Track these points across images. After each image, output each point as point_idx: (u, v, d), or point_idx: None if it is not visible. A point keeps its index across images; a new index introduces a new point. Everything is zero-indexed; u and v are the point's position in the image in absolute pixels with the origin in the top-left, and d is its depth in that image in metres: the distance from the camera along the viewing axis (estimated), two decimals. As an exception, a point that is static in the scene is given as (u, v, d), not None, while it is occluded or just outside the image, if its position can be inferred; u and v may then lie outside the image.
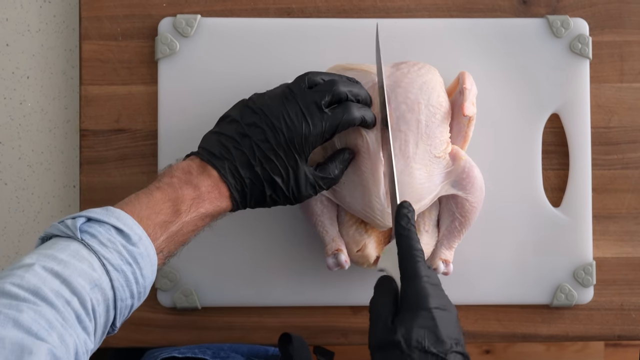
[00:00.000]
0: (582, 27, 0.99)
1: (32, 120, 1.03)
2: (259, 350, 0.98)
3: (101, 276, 0.69)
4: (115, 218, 0.72)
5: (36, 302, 0.63)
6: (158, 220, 0.75)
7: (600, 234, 1.00)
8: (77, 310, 0.66)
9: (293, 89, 0.82)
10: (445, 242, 0.92)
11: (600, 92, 1.00)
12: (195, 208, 0.78)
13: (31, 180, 1.02)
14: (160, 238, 0.75)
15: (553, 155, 1.00)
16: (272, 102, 0.82)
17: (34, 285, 0.64)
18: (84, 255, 0.69)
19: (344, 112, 0.82)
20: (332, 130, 0.82)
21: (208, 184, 0.79)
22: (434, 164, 0.88)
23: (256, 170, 0.80)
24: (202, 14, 0.99)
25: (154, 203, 0.76)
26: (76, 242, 0.70)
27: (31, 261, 0.67)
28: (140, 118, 0.99)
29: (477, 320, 1.00)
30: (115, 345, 0.99)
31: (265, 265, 0.98)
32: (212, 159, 0.80)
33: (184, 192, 0.78)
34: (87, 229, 0.71)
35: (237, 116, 0.82)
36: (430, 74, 0.89)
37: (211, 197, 0.79)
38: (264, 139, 0.80)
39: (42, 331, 0.62)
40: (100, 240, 0.71)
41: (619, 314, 1.00)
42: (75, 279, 0.66)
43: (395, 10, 1.00)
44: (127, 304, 0.72)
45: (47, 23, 1.03)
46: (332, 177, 0.84)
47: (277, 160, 0.81)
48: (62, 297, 0.65)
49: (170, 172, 0.80)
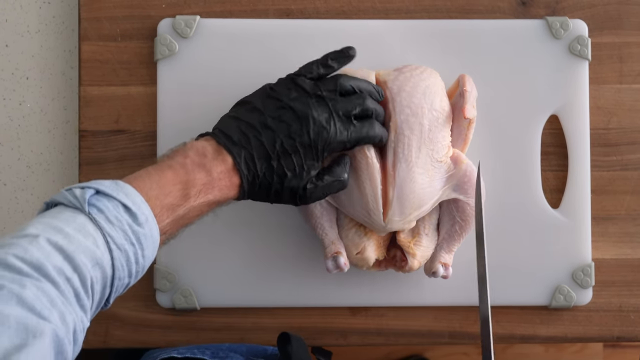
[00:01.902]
0: (581, 29, 0.99)
1: (32, 121, 1.03)
2: (258, 349, 0.98)
3: (103, 254, 0.68)
4: (124, 194, 0.71)
5: (39, 279, 0.63)
6: (166, 202, 0.74)
7: (599, 236, 1.00)
8: (77, 288, 0.65)
9: (325, 92, 0.82)
10: (445, 245, 0.92)
11: (600, 94, 1.00)
12: (204, 194, 0.77)
13: (30, 181, 1.02)
14: (165, 220, 0.74)
15: (552, 156, 1.00)
16: (301, 100, 0.82)
17: (37, 260, 0.63)
18: (89, 230, 0.68)
19: (369, 129, 0.84)
20: (354, 142, 0.83)
21: (221, 170, 0.78)
22: (436, 169, 0.88)
23: (272, 164, 0.80)
24: (201, 15, 1.00)
25: (165, 183, 0.75)
26: (83, 215, 0.68)
27: (36, 232, 0.66)
28: (139, 119, 1.00)
29: (477, 321, 1.00)
30: (114, 346, 0.99)
31: (264, 266, 0.99)
32: (229, 145, 0.79)
33: (196, 176, 0.77)
34: (96, 202, 0.70)
35: (260, 105, 0.82)
36: (432, 78, 0.89)
37: (221, 185, 0.78)
38: (288, 135, 0.80)
39: (45, 310, 0.61)
40: (107, 217, 0.69)
41: (618, 315, 1.00)
42: (78, 256, 0.65)
43: (394, 11, 1.00)
44: (124, 282, 0.71)
45: (47, 24, 1.03)
46: (341, 180, 0.84)
47: (295, 158, 0.80)
48: (63, 274, 0.64)
49: (184, 151, 0.79)
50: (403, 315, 1.00)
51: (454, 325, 1.00)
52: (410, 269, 0.91)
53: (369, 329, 1.00)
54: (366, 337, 1.00)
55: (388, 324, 1.00)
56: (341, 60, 0.85)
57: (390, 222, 0.87)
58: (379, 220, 0.87)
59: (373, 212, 0.87)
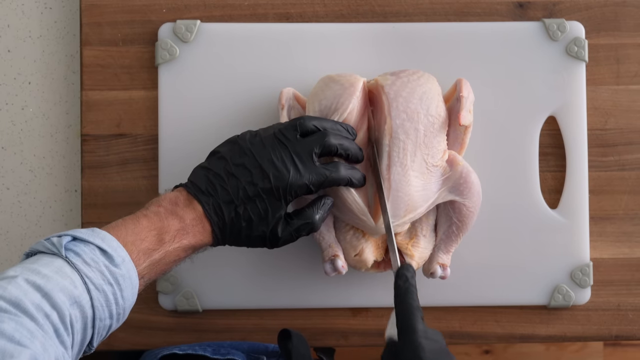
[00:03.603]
0: (578, 30, 1.00)
1: (34, 125, 1.03)
2: (259, 347, 0.99)
3: (82, 294, 0.70)
4: (100, 239, 0.74)
5: (17, 314, 0.65)
6: (142, 247, 0.77)
7: (597, 235, 1.01)
8: (56, 324, 0.67)
9: (285, 134, 0.83)
10: (443, 246, 0.92)
11: (597, 95, 1.01)
12: (179, 239, 0.79)
13: (33, 185, 1.03)
14: (143, 264, 0.77)
15: (550, 157, 1.01)
16: (263, 145, 0.83)
17: (16, 297, 0.66)
18: (66, 272, 0.70)
19: (332, 171, 0.84)
20: (317, 185, 0.83)
21: (193, 217, 0.81)
22: (431, 173, 0.89)
23: (238, 211, 0.82)
24: (202, 20, 1.00)
25: (140, 230, 0.78)
26: (60, 259, 0.71)
27: (15, 273, 0.68)
28: (140, 123, 1.00)
29: (476, 321, 1.00)
30: (117, 348, 0.99)
31: (265, 267, 0.99)
32: (198, 194, 0.82)
33: (170, 223, 0.79)
34: (72, 247, 0.73)
35: (227, 154, 0.84)
36: (429, 84, 0.90)
37: (195, 231, 0.81)
38: (250, 181, 0.82)
39: (24, 339, 0.63)
40: (84, 259, 0.72)
41: (616, 314, 1.01)
42: (56, 294, 0.68)
43: (392, 14, 1.01)
44: (105, 324, 0.73)
45: (49, 29, 1.04)
46: (310, 222, 0.85)
47: (259, 203, 0.82)
48: (42, 310, 0.67)
49: (158, 201, 0.82)
50: (403, 315, 1.00)
51: (453, 325, 1.00)
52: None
53: (370, 330, 1.01)
54: (367, 337, 1.01)
55: (389, 318, 1.00)
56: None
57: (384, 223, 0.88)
58: (371, 223, 0.88)
59: (362, 217, 0.88)
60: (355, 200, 0.87)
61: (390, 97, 0.88)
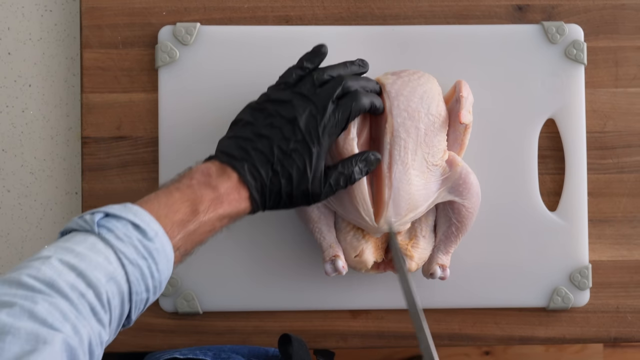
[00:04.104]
0: (577, 33, 1.00)
1: (34, 128, 1.04)
2: (259, 351, 0.99)
3: (117, 269, 0.70)
4: (132, 214, 0.73)
5: (51, 294, 0.65)
6: (176, 219, 0.76)
7: (596, 238, 1.01)
8: (92, 303, 0.67)
9: (304, 90, 0.84)
10: (442, 247, 0.92)
11: (595, 97, 1.01)
12: (213, 209, 0.79)
13: (33, 187, 1.03)
14: (177, 236, 0.76)
15: (549, 159, 1.01)
16: (285, 103, 0.84)
17: (50, 278, 0.65)
18: (100, 248, 0.70)
19: (353, 100, 0.85)
20: (344, 119, 0.84)
21: (227, 185, 0.80)
22: (431, 172, 0.89)
23: (275, 169, 0.82)
24: (202, 22, 1.01)
25: (173, 202, 0.77)
26: (93, 235, 0.71)
27: (49, 254, 0.68)
28: (141, 125, 1.01)
29: (476, 323, 1.01)
30: (117, 350, 0.99)
31: (266, 269, 0.99)
32: (231, 161, 0.81)
33: (203, 193, 0.79)
34: (105, 223, 0.72)
35: (251, 119, 0.84)
36: (429, 83, 0.90)
37: (230, 199, 0.80)
38: (282, 137, 0.82)
39: (57, 322, 0.63)
40: (117, 235, 0.71)
41: (615, 316, 1.01)
42: (91, 272, 0.68)
43: (392, 17, 1.01)
44: (142, 297, 0.73)
45: (49, 32, 1.04)
46: (348, 173, 0.85)
47: (296, 157, 0.82)
48: (76, 289, 0.66)
49: (189, 174, 0.81)
50: (403, 317, 1.00)
51: (453, 327, 1.01)
52: (408, 270, 0.92)
53: (370, 332, 1.01)
54: (367, 339, 1.01)
55: (388, 326, 1.01)
56: (314, 59, 0.88)
57: (386, 223, 0.88)
58: (372, 222, 0.88)
59: (365, 215, 0.88)
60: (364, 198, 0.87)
61: (391, 96, 0.88)
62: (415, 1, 1.01)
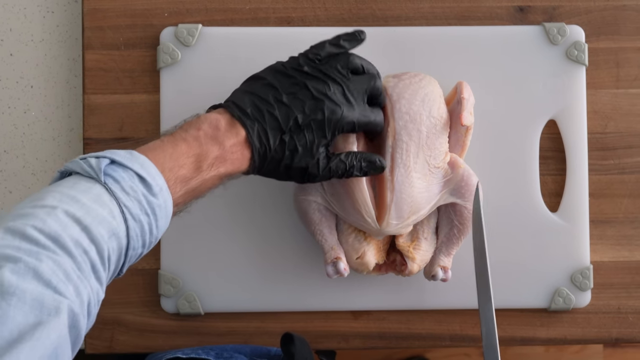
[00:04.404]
0: (578, 34, 1.00)
1: (36, 129, 1.04)
2: (262, 350, 0.99)
3: (119, 224, 0.68)
4: (139, 165, 0.71)
5: (55, 251, 0.63)
6: (180, 174, 0.75)
7: (597, 238, 1.01)
8: (94, 260, 0.65)
9: (337, 72, 0.83)
10: (444, 249, 0.93)
11: (597, 98, 1.02)
12: (216, 167, 0.78)
13: (35, 188, 1.04)
14: (179, 192, 0.75)
15: (550, 160, 1.01)
16: (316, 78, 0.83)
17: (55, 232, 0.63)
18: (105, 201, 0.68)
19: (376, 115, 0.86)
20: (362, 125, 0.84)
21: (233, 142, 0.79)
22: (433, 174, 0.89)
23: (284, 139, 0.81)
24: (203, 24, 1.01)
25: (178, 155, 0.75)
26: (99, 185, 0.69)
27: (54, 202, 0.66)
28: (142, 126, 1.01)
29: (477, 324, 1.01)
30: (119, 351, 1.00)
31: (267, 271, 1.00)
32: (243, 118, 0.80)
33: (209, 149, 0.77)
34: (111, 172, 0.70)
35: (275, 81, 0.83)
36: (431, 86, 0.90)
37: (233, 158, 0.79)
38: (303, 111, 0.81)
39: (61, 284, 0.61)
40: (123, 187, 0.69)
41: (616, 317, 1.01)
42: (95, 227, 0.66)
43: (393, 18, 1.01)
44: (137, 252, 0.72)
45: (51, 33, 1.04)
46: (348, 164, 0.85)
47: (307, 134, 0.81)
48: (80, 246, 0.64)
49: (197, 123, 0.79)
50: (404, 318, 1.01)
51: (454, 327, 1.01)
52: (410, 272, 0.92)
53: (371, 333, 1.01)
54: (368, 340, 1.01)
55: (389, 327, 1.01)
56: (352, 42, 0.86)
57: (388, 225, 0.88)
58: (375, 225, 0.89)
59: (367, 217, 0.88)
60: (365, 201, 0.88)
61: (393, 99, 0.88)
62: (417, 2, 1.02)
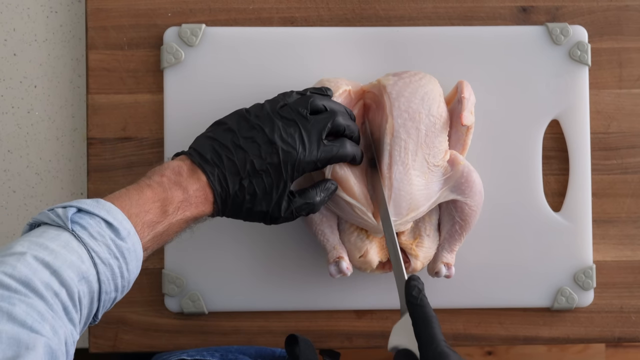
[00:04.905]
0: (581, 35, 1.01)
1: (40, 129, 1.04)
2: (266, 351, 0.99)
3: (89, 269, 0.70)
4: (105, 211, 0.73)
5: (27, 294, 0.64)
6: (147, 219, 0.76)
7: (600, 238, 1.01)
8: (65, 302, 0.67)
9: (295, 113, 0.84)
10: (447, 245, 0.93)
11: (600, 98, 1.02)
12: (182, 211, 0.79)
13: (39, 188, 1.04)
14: (147, 237, 0.76)
15: (553, 160, 1.01)
16: (272, 120, 0.83)
17: (25, 276, 0.65)
18: (73, 246, 0.69)
19: (339, 148, 0.85)
20: (325, 161, 0.84)
21: (196, 187, 0.80)
22: (433, 172, 0.89)
23: (243, 183, 0.82)
24: (207, 24, 1.01)
25: (144, 201, 0.77)
26: (67, 232, 0.70)
27: (22, 249, 0.67)
28: (146, 126, 1.01)
29: (480, 323, 1.01)
30: (123, 350, 1.00)
31: (271, 270, 1.00)
32: (203, 163, 0.81)
33: (173, 194, 0.79)
34: (78, 220, 0.72)
35: (234, 126, 0.84)
36: (430, 85, 0.90)
37: (197, 202, 0.80)
38: (259, 155, 0.82)
39: (36, 324, 0.63)
40: (90, 233, 0.71)
41: (619, 316, 1.01)
42: (64, 271, 0.67)
43: (397, 18, 1.02)
44: (110, 296, 0.73)
45: (54, 33, 1.04)
46: (311, 203, 0.85)
47: (265, 178, 0.82)
48: (51, 288, 0.66)
49: (160, 170, 0.81)
50: (407, 317, 1.01)
51: (457, 327, 1.01)
52: (413, 270, 0.92)
53: (374, 332, 1.01)
54: (371, 339, 1.01)
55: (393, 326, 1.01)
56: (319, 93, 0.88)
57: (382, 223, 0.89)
58: (372, 220, 0.89)
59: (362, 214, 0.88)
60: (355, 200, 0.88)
61: (392, 97, 0.88)
62: (420, 3, 1.02)
